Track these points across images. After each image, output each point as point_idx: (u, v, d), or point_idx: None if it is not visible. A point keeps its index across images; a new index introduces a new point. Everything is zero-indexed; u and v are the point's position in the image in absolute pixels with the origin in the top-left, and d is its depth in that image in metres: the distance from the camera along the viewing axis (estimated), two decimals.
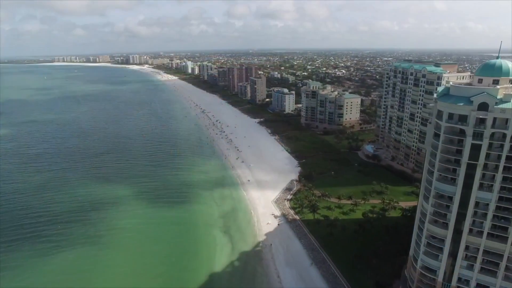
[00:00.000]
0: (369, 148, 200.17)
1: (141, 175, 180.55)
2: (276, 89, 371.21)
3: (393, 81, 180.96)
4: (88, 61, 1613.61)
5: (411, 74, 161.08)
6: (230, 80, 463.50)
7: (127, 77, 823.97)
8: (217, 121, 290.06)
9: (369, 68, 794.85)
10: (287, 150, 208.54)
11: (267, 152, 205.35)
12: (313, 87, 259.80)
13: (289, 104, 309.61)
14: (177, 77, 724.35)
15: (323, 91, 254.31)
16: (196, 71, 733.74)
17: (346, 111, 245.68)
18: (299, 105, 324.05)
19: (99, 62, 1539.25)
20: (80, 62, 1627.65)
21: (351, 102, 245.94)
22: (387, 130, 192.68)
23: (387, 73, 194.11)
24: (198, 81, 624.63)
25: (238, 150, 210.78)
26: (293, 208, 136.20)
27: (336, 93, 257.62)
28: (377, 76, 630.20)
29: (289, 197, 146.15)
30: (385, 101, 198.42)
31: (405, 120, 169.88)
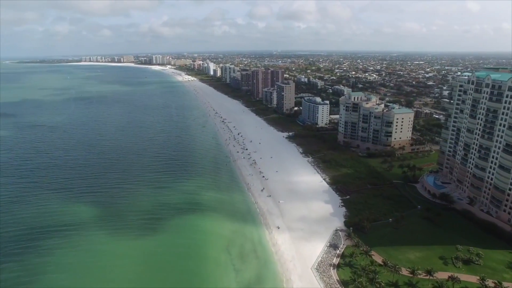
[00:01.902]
0: (430, 181, 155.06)
1: (139, 203, 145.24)
2: (306, 97, 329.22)
3: (473, 96, 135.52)
4: (113, 61, 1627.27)
5: (510, 89, 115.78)
6: (254, 85, 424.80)
7: (147, 78, 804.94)
8: (238, 134, 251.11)
9: (402, 73, 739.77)
10: (324, 180, 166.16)
11: (300, 182, 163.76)
12: (354, 98, 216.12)
13: (323, 116, 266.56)
14: (197, 79, 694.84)
15: (367, 103, 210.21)
16: (218, 73, 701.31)
17: (396, 129, 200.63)
18: (334, 117, 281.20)
19: (123, 62, 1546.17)
20: (105, 62, 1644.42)
21: (402, 118, 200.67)
22: (459, 161, 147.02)
23: (461, 85, 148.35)
24: (220, 84, 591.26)
25: (263, 177, 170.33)
26: (343, 283, 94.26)
27: (382, 106, 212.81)
28: (414, 82, 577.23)
29: (335, 260, 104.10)
30: (455, 122, 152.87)
31: (494, 152, 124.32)
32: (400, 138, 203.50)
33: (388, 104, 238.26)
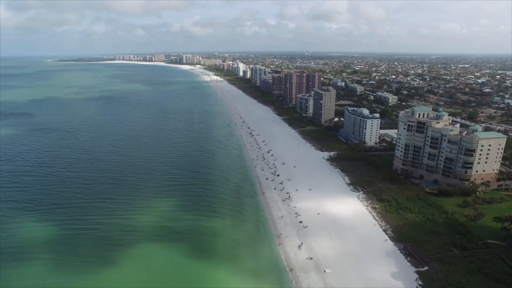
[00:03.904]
0: None
1: (132, 243, 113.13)
2: (345, 104, 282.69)
3: None
4: (145, 59, 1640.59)
5: None
6: (286, 89, 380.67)
7: (175, 77, 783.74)
8: (268, 152, 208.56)
9: (448, 77, 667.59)
10: (385, 232, 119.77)
11: (353, 235, 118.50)
12: (419, 115, 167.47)
13: (372, 132, 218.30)
14: (226, 80, 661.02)
15: (437, 122, 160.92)
16: (248, 75, 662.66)
17: (480, 159, 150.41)
18: (385, 132, 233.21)
19: (154, 61, 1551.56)
20: (137, 60, 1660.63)
21: (489, 145, 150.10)
22: None
23: None
24: (249, 86, 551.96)
25: (301, 222, 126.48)
26: None
27: (458, 126, 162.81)
28: (466, 89, 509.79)
29: None
30: None
31: None
32: (483, 170, 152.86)
33: (469, 124, 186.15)
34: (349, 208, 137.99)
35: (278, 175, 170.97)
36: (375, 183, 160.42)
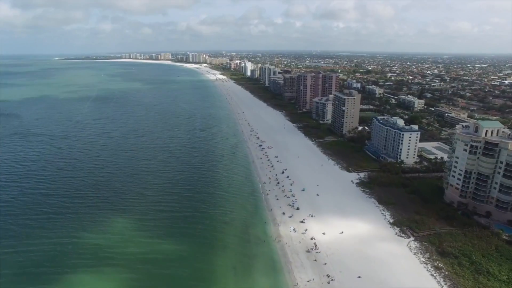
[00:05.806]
0: None
1: None
2: (371, 112, 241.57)
3: None
4: (151, 58, 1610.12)
5: None
6: (300, 92, 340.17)
7: (179, 76, 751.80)
8: (283, 172, 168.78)
9: (469, 78, 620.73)
10: None
11: None
12: (486, 132, 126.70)
13: (410, 148, 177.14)
14: (232, 80, 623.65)
15: None
16: (256, 75, 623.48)
17: None
18: (420, 146, 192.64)
19: (160, 59, 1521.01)
20: (143, 59, 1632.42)
21: None
22: None
23: None
24: (258, 87, 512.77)
25: None
26: None
27: None
28: (496, 91, 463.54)
29: None
30: None
31: None
32: None
33: None
34: (401, 266, 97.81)
35: (297, 209, 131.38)
36: (427, 223, 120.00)
